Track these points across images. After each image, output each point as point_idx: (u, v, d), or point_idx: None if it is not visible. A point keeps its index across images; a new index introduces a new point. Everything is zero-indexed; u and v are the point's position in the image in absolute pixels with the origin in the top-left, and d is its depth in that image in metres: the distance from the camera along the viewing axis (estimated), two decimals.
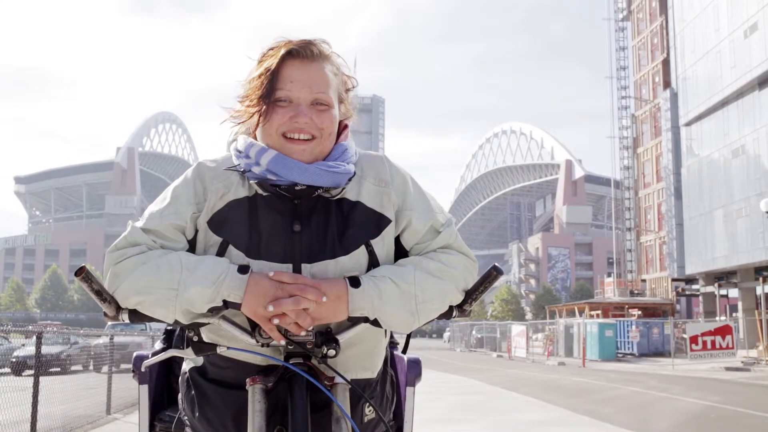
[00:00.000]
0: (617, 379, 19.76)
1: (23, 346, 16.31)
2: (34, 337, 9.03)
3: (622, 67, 59.59)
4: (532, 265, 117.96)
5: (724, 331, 26.45)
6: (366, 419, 1.71)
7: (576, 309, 47.76)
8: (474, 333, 48.25)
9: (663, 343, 32.93)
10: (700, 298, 41.97)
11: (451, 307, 1.66)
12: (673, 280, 46.43)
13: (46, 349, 9.72)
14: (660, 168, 50.73)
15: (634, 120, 56.71)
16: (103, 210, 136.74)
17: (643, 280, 55.06)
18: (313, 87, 1.63)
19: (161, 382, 2.19)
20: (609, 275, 64.30)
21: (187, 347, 1.65)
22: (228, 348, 1.61)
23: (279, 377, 1.59)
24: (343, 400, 1.57)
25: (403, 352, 2.06)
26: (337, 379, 1.58)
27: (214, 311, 1.53)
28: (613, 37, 60.98)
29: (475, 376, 21.04)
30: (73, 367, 16.78)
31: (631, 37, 59.05)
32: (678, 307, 48.13)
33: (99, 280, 1.55)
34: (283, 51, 1.63)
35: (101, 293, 1.54)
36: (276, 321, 1.50)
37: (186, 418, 1.76)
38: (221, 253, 1.61)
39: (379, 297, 1.55)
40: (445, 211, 1.76)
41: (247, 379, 1.58)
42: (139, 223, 1.64)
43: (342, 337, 1.58)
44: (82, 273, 1.51)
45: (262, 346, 1.57)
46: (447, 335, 64.24)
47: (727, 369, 23.40)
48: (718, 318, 34.35)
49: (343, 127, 1.74)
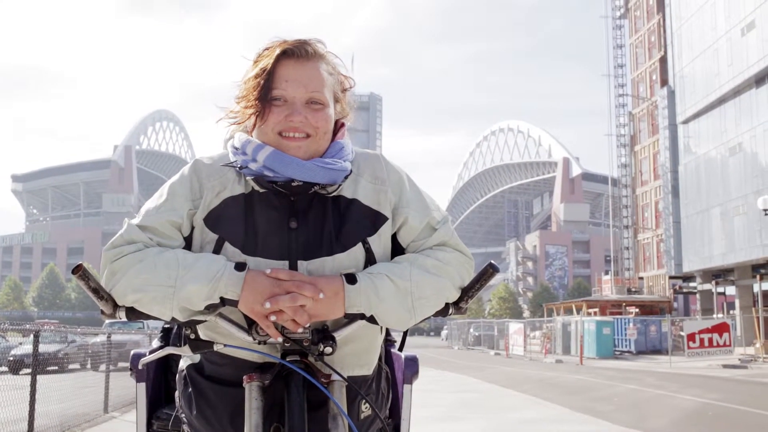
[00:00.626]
0: (615, 377, 19.79)
1: (20, 344, 16.25)
2: (32, 335, 9.01)
3: (620, 64, 59.57)
4: (530, 263, 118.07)
5: (722, 328, 26.46)
6: (362, 416, 1.72)
7: (573, 307, 47.78)
8: (472, 331, 48.32)
9: (660, 341, 32.97)
10: (698, 296, 42.02)
11: (447, 305, 1.67)
12: (671, 277, 46.45)
13: (43, 348, 9.72)
14: (657, 166, 50.76)
15: (632, 118, 56.73)
16: (100, 208, 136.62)
17: (641, 278, 55.09)
18: (308, 86, 1.64)
19: (159, 380, 2.20)
20: (606, 273, 64.35)
21: (184, 345, 1.65)
22: (225, 345, 1.61)
23: (276, 374, 1.59)
24: (339, 398, 1.57)
25: (400, 349, 2.06)
26: (334, 376, 1.58)
27: (211, 308, 1.53)
28: (610, 35, 61.01)
29: (472, 374, 21.06)
30: (70, 366, 16.72)
31: (629, 34, 59.06)
32: (675, 304, 48.18)
33: (96, 278, 1.55)
34: (278, 51, 1.64)
35: (98, 291, 1.54)
36: (273, 318, 1.51)
37: (183, 415, 1.76)
38: (217, 250, 1.61)
39: (375, 294, 1.56)
40: (441, 209, 1.77)
41: (244, 377, 1.58)
42: (135, 221, 1.64)
43: (338, 335, 1.59)
44: (79, 271, 1.51)
45: (259, 343, 1.57)
46: (445, 333, 64.31)
47: (725, 366, 23.43)
48: (715, 315, 34.39)
49: (339, 126, 1.75)
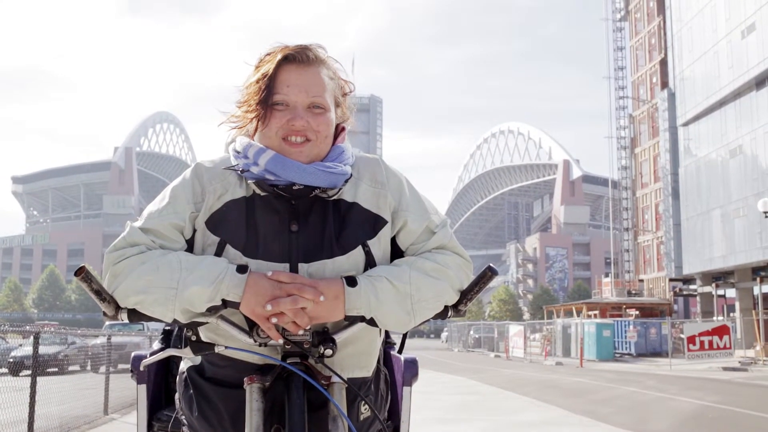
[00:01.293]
0: (615, 379, 19.78)
1: (20, 346, 16.28)
2: (32, 337, 9.01)
3: (620, 67, 59.61)
4: (530, 266, 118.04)
5: (722, 331, 26.47)
6: (362, 417, 1.73)
7: (573, 309, 47.74)
8: (472, 333, 48.30)
9: (660, 343, 32.96)
10: (698, 298, 41.99)
11: (446, 307, 1.68)
12: (671, 280, 46.44)
13: (43, 350, 9.72)
14: (658, 168, 50.77)
15: (632, 120, 56.75)
16: (100, 210, 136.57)
17: (641, 280, 55.07)
18: (309, 91, 1.65)
19: (159, 382, 2.20)
20: (606, 275, 64.33)
21: (185, 347, 1.66)
22: (226, 347, 1.62)
23: (276, 376, 1.60)
24: (339, 399, 1.58)
25: (399, 351, 2.07)
26: (334, 378, 1.59)
27: (212, 310, 1.54)
28: (610, 38, 61.05)
29: (472, 376, 21.06)
30: (70, 368, 16.76)
31: (629, 37, 59.09)
32: (675, 307, 48.17)
33: (98, 279, 1.56)
34: (279, 56, 1.65)
35: (100, 293, 1.55)
36: (274, 320, 1.52)
37: (183, 417, 1.77)
38: (219, 252, 1.62)
39: (375, 296, 1.57)
40: (440, 213, 1.78)
41: (244, 378, 1.59)
42: (137, 223, 1.65)
43: (339, 337, 1.60)
44: (81, 273, 1.52)
45: (260, 345, 1.58)
46: (445, 335, 64.28)
47: (725, 369, 23.43)
48: (715, 318, 34.35)
49: (340, 130, 1.77)
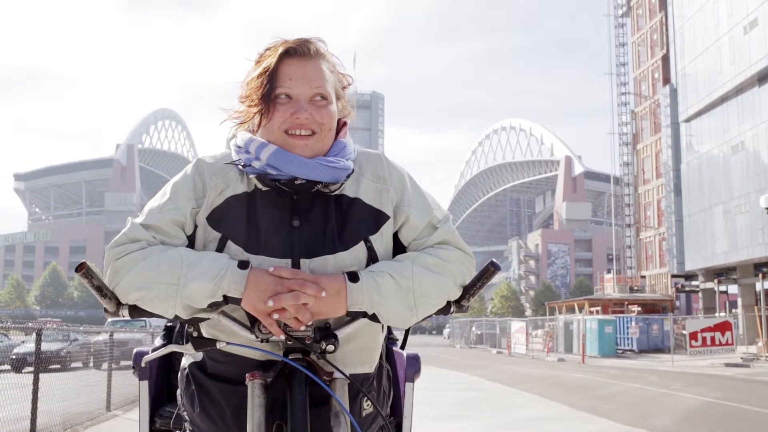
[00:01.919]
0: (617, 376, 19.78)
1: (23, 343, 16.29)
2: (34, 334, 9.02)
3: (622, 63, 59.55)
4: (532, 262, 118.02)
5: (724, 327, 26.43)
6: (364, 413, 1.72)
7: (576, 305, 47.76)
8: (474, 329, 48.30)
9: (663, 340, 32.97)
10: (700, 295, 41.99)
11: (449, 303, 1.67)
12: (673, 276, 46.43)
13: (45, 346, 9.71)
14: (660, 164, 50.70)
15: (634, 116, 56.66)
16: (102, 207, 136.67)
17: (643, 277, 55.05)
18: (311, 83, 1.64)
19: (161, 378, 2.19)
20: (609, 271, 64.31)
21: (186, 343, 1.66)
22: (227, 343, 1.62)
23: (278, 372, 1.59)
24: (341, 395, 1.57)
25: (402, 347, 2.06)
26: (336, 374, 1.58)
27: (213, 306, 1.54)
28: (612, 34, 60.97)
29: (474, 373, 21.06)
30: (73, 364, 16.75)
31: (631, 33, 58.96)
32: (677, 303, 48.16)
33: (99, 276, 1.55)
34: (280, 50, 1.65)
35: (102, 289, 1.55)
36: (276, 316, 1.51)
37: (185, 413, 1.76)
38: (220, 248, 1.62)
39: (377, 292, 1.56)
40: (442, 208, 1.77)
41: (246, 375, 1.58)
42: (138, 219, 1.64)
43: (341, 333, 1.59)
44: (82, 269, 1.52)
45: (262, 341, 1.57)
46: (447, 332, 64.30)
47: (727, 365, 23.42)
48: (717, 314, 34.34)
49: (342, 125, 1.76)
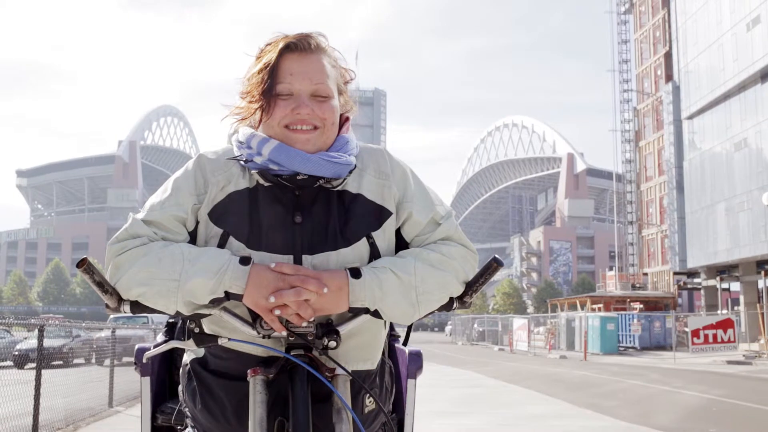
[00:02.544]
0: (619, 373, 19.78)
1: (25, 339, 16.32)
2: (37, 330, 9.02)
3: (624, 60, 59.48)
4: (534, 259, 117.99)
5: (726, 324, 26.40)
6: (366, 410, 1.72)
7: (578, 302, 47.71)
8: (476, 326, 48.28)
9: (665, 337, 32.95)
10: (702, 292, 41.97)
11: (451, 299, 1.66)
12: (675, 273, 46.41)
13: (48, 343, 9.72)
14: (662, 161, 50.66)
15: (636, 113, 56.60)
16: (105, 203, 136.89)
17: (645, 274, 55.02)
18: (312, 78, 1.63)
19: (163, 374, 2.19)
20: (611, 269, 64.26)
21: (188, 339, 1.65)
22: (229, 339, 1.61)
23: (280, 368, 1.59)
24: (343, 392, 1.57)
25: (404, 344, 2.06)
26: (338, 370, 1.58)
27: (215, 302, 1.53)
28: (615, 30, 60.94)
29: (476, 370, 21.07)
30: (75, 360, 16.77)
31: (633, 30, 58.87)
32: (680, 300, 48.15)
33: (101, 271, 1.55)
34: (281, 45, 1.63)
35: (103, 285, 1.54)
36: (277, 312, 1.51)
37: (186, 409, 1.76)
38: (222, 244, 1.61)
39: (379, 288, 1.56)
40: (445, 204, 1.77)
41: (248, 371, 1.58)
42: (140, 215, 1.64)
43: (343, 329, 1.58)
44: (83, 265, 1.51)
45: (263, 337, 1.57)
46: (449, 329, 64.27)
47: (729, 363, 23.40)
48: (719, 311, 34.37)
49: (344, 120, 1.75)
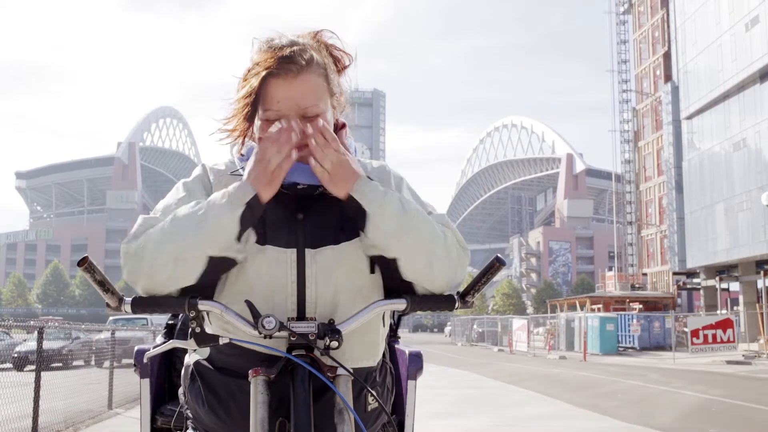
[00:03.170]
0: (618, 373, 19.79)
1: (25, 341, 16.30)
2: (36, 332, 9.02)
3: (623, 60, 59.53)
4: (533, 259, 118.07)
5: (725, 324, 26.44)
6: (369, 408, 1.72)
7: (577, 303, 47.77)
8: (475, 327, 48.31)
9: (664, 337, 32.98)
10: (701, 292, 42.00)
11: (453, 298, 1.66)
12: (675, 273, 46.44)
13: (47, 345, 9.70)
14: (661, 161, 50.71)
15: (635, 113, 56.66)
16: (104, 205, 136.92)
17: (644, 274, 55.07)
18: (300, 103, 1.63)
19: (162, 376, 2.19)
20: (610, 269, 64.36)
21: (189, 339, 1.65)
22: (230, 339, 1.61)
23: (282, 369, 1.59)
24: (345, 392, 1.56)
25: (394, 333, 2.02)
26: (340, 370, 1.58)
27: (243, 225, 1.54)
28: (614, 31, 60.95)
29: (476, 370, 21.08)
30: (74, 362, 16.76)
31: (632, 30, 58.95)
32: (679, 300, 48.17)
33: (101, 270, 1.54)
34: (263, 73, 1.62)
35: (104, 284, 1.53)
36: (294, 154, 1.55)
37: (189, 411, 1.75)
38: None
39: (382, 199, 1.58)
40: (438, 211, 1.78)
41: (249, 371, 1.57)
42: (155, 215, 1.64)
43: (344, 329, 1.58)
44: (85, 263, 1.50)
45: (265, 337, 1.56)
46: (448, 329, 64.35)
47: (728, 362, 23.43)
48: (719, 311, 34.40)
49: (340, 127, 1.76)
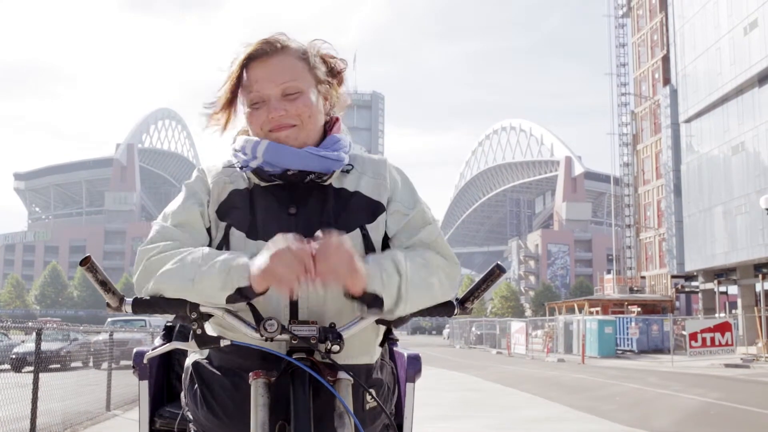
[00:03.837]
0: (617, 376, 19.79)
1: (23, 342, 16.27)
2: (34, 333, 9.01)
3: (622, 63, 59.54)
4: (532, 262, 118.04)
5: (724, 328, 26.44)
6: (368, 406, 1.72)
7: (575, 306, 47.78)
8: (473, 330, 48.32)
9: (662, 340, 32.97)
10: (700, 295, 41.98)
11: (452, 304, 1.68)
12: (673, 276, 46.44)
13: (45, 346, 9.68)
14: (660, 165, 50.72)
15: (634, 117, 56.66)
16: (102, 206, 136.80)
17: (643, 277, 55.05)
18: (277, 80, 1.68)
19: (161, 378, 2.19)
20: (608, 272, 64.33)
21: (190, 340, 1.65)
22: (232, 342, 1.61)
23: (282, 371, 1.59)
24: (345, 396, 1.56)
25: (388, 334, 2.00)
26: (341, 374, 1.57)
27: (231, 300, 1.53)
28: (612, 34, 60.95)
29: (474, 373, 21.06)
30: (72, 364, 16.73)
31: (631, 33, 58.97)
32: (677, 303, 48.16)
33: (103, 270, 1.54)
34: (241, 57, 1.69)
35: (105, 284, 1.53)
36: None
37: (189, 413, 1.75)
38: (226, 237, 1.67)
39: (384, 272, 1.56)
40: (431, 213, 1.80)
41: (250, 374, 1.58)
42: (167, 221, 1.68)
43: (346, 333, 1.58)
44: (87, 263, 1.50)
45: (266, 340, 1.56)
46: (446, 332, 64.33)
47: (727, 366, 23.42)
48: (717, 315, 34.36)
49: (333, 121, 1.79)
